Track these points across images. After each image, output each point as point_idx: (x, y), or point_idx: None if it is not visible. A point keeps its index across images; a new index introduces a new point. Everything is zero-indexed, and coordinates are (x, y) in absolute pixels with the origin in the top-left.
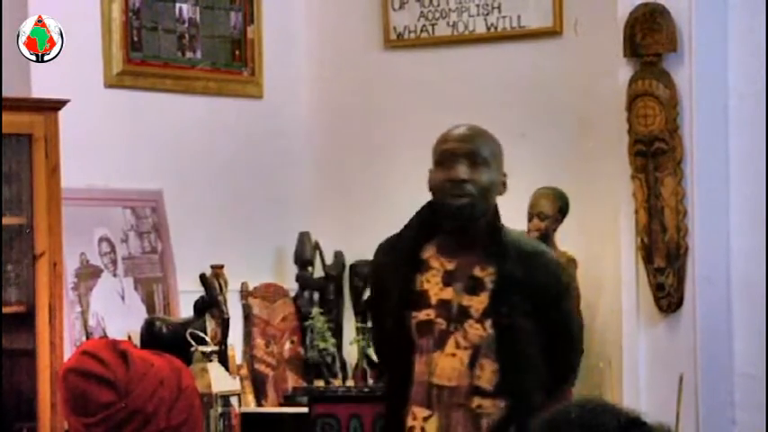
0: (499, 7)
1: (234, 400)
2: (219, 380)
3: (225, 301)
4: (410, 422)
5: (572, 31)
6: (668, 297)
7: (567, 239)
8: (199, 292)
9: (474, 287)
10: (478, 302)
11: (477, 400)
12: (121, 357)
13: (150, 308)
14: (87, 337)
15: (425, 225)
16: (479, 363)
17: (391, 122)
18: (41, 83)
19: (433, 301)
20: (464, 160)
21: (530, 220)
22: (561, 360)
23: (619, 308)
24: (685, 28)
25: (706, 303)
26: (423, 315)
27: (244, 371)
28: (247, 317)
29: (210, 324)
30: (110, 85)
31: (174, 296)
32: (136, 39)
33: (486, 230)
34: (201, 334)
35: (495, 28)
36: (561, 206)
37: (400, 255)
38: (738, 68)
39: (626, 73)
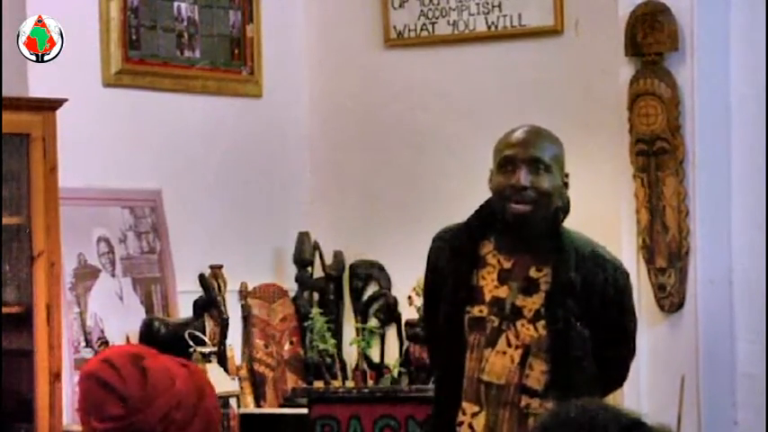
0: (500, 6)
1: (233, 402)
2: (218, 381)
3: (224, 301)
4: (460, 417)
5: (573, 29)
6: (670, 297)
7: None
8: (198, 292)
9: (529, 288)
10: (532, 303)
11: (525, 399)
12: (141, 373)
13: (149, 308)
14: (86, 338)
15: (485, 221)
16: (529, 362)
17: (391, 121)
18: (39, 82)
19: (487, 297)
20: (526, 166)
21: None
22: (616, 363)
23: None
24: (687, 27)
25: (708, 304)
26: (476, 311)
27: (243, 372)
28: (246, 317)
29: (209, 324)
30: (108, 84)
31: (173, 296)
32: (134, 38)
33: (545, 232)
34: (200, 334)
35: (496, 27)
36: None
37: (458, 249)
38: (740, 68)
39: (627, 72)
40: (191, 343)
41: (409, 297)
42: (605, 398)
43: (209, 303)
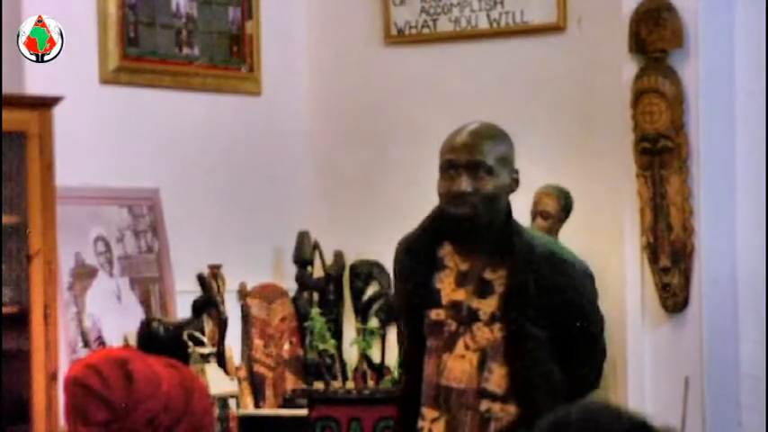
0: (502, 2)
1: (232, 403)
2: (217, 381)
3: (223, 301)
4: (420, 423)
5: (576, 26)
6: (674, 297)
7: (570, 239)
8: (196, 292)
9: (484, 290)
10: (487, 306)
11: (485, 404)
12: (126, 377)
13: (147, 308)
14: (83, 338)
15: (440, 223)
16: (488, 366)
17: (392, 120)
18: (35, 79)
19: (445, 301)
20: (466, 171)
21: (533, 219)
22: (584, 364)
23: (623, 308)
24: (691, 24)
25: (712, 304)
26: (434, 315)
27: (242, 372)
28: (246, 317)
29: (208, 325)
30: (106, 81)
31: (171, 296)
32: (132, 34)
33: (497, 232)
34: (199, 335)
35: (498, 23)
36: (565, 205)
37: (416, 251)
38: (745, 65)
39: (631, 69)
40: (189, 343)
41: None
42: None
43: (207, 303)
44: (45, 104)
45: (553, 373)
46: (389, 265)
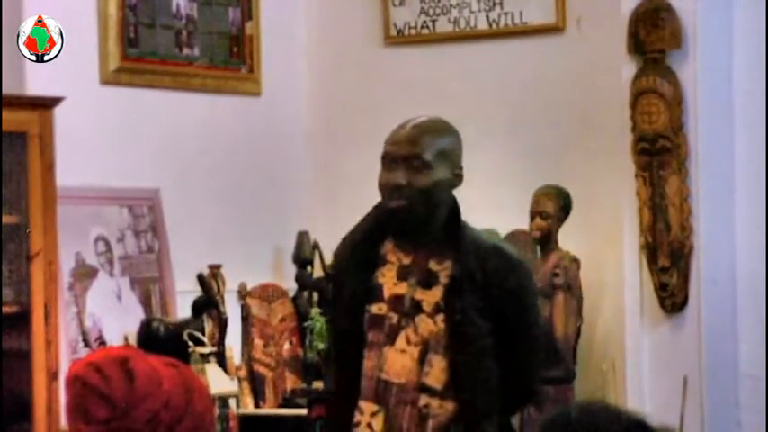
0: (501, 3)
1: (232, 402)
2: (217, 381)
3: (223, 301)
4: (357, 417)
5: (575, 27)
6: (672, 297)
7: (569, 239)
8: (196, 292)
9: (428, 281)
10: (431, 296)
11: (424, 399)
12: (127, 375)
13: (147, 308)
14: (83, 338)
15: (381, 218)
16: (429, 359)
17: (391, 120)
18: (36, 80)
19: (386, 295)
20: (402, 164)
21: (532, 219)
22: (521, 370)
23: (622, 308)
24: (690, 24)
25: (711, 304)
26: (375, 309)
27: (242, 372)
28: (246, 317)
29: (208, 324)
30: (106, 82)
31: (172, 296)
32: (132, 35)
33: (442, 225)
34: (199, 335)
35: (497, 24)
36: (564, 205)
37: (359, 248)
38: (743, 65)
39: (629, 70)
40: (189, 343)
41: None
42: (512, 413)
43: (207, 303)
44: (46, 105)
45: (492, 371)
46: None
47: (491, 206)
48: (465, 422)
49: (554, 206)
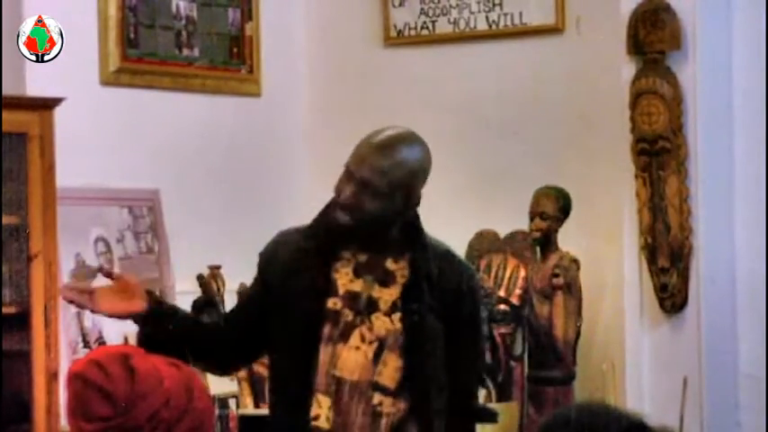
0: (501, 4)
1: (232, 402)
2: (217, 382)
3: (222, 301)
4: (315, 410)
5: (574, 28)
6: (672, 298)
7: (569, 239)
8: (196, 292)
9: (386, 279)
10: (388, 295)
11: (377, 397)
12: (128, 373)
13: None
14: (83, 339)
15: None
16: (383, 358)
17: (391, 121)
18: (36, 81)
19: (341, 291)
20: (357, 184)
21: (531, 219)
22: (467, 369)
23: (622, 308)
24: (689, 25)
25: (710, 304)
26: (330, 304)
27: (242, 373)
28: None
29: None
30: (106, 82)
31: (172, 297)
32: (132, 36)
33: (401, 227)
34: None
35: (497, 25)
36: (563, 206)
37: (313, 243)
38: (743, 66)
39: (629, 71)
40: None
41: None
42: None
43: (207, 304)
44: (46, 106)
45: (444, 373)
46: None
47: (490, 207)
48: (418, 422)
49: (554, 207)
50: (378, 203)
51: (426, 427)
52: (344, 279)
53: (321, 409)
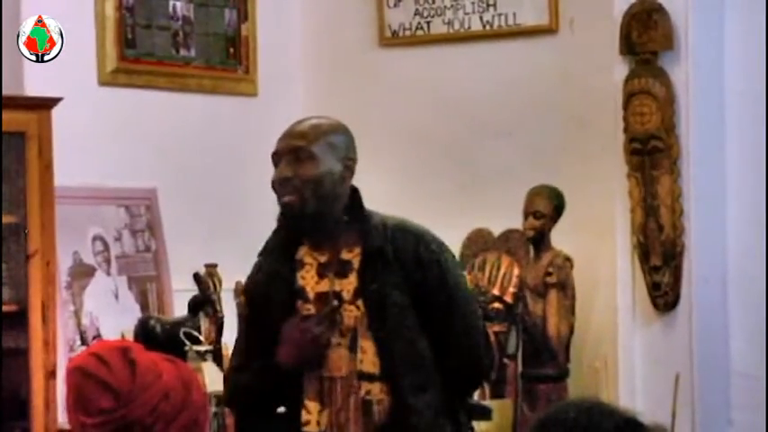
0: (495, 5)
1: None
2: (214, 379)
3: (219, 300)
4: (305, 416)
5: (568, 28)
6: (664, 296)
7: (562, 238)
8: (193, 290)
9: (343, 270)
10: (348, 284)
11: (365, 386)
12: (129, 365)
13: (144, 307)
14: (81, 337)
15: (286, 223)
16: (360, 345)
17: (387, 120)
18: (35, 80)
19: (311, 295)
20: (287, 158)
21: (525, 218)
22: (458, 345)
23: (614, 307)
24: (682, 25)
25: (702, 302)
26: (304, 310)
27: None
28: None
29: (205, 323)
30: (104, 82)
31: (168, 295)
32: (130, 36)
33: (345, 216)
34: (196, 333)
35: (491, 25)
36: (557, 205)
37: (274, 258)
38: (735, 66)
39: (622, 71)
40: (186, 342)
41: None
42: (465, 392)
43: (204, 302)
44: (44, 105)
45: (418, 346)
46: None
47: (484, 205)
48: (393, 399)
49: (547, 206)
50: (313, 167)
51: (400, 404)
52: (311, 283)
53: (311, 414)
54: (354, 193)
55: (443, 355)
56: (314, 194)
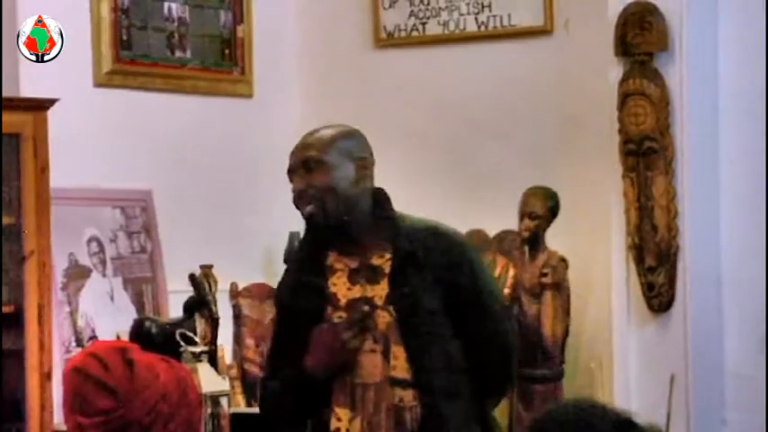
0: (490, 6)
1: (224, 401)
2: (209, 380)
3: (214, 300)
4: (335, 424)
5: (563, 29)
6: (659, 297)
7: (557, 239)
8: (188, 292)
9: (374, 276)
10: (380, 290)
11: (397, 393)
12: (127, 365)
13: (139, 308)
14: (77, 338)
15: (312, 233)
16: (393, 352)
17: (382, 122)
18: (30, 82)
19: (343, 302)
20: (299, 171)
21: (520, 219)
22: (488, 349)
23: (609, 307)
24: (676, 27)
25: (697, 303)
26: (336, 317)
27: (234, 371)
28: (237, 317)
29: (200, 324)
30: (99, 84)
31: (164, 296)
32: (125, 38)
33: (371, 220)
34: (191, 334)
35: (486, 27)
36: (552, 206)
37: (304, 265)
38: (729, 68)
39: (617, 72)
40: (181, 343)
41: None
42: (494, 396)
43: (199, 303)
44: (40, 107)
45: (450, 351)
46: None
47: (479, 207)
48: (422, 405)
49: (542, 207)
50: (326, 175)
51: (432, 410)
52: (343, 289)
53: (341, 421)
54: (378, 193)
55: (474, 358)
56: (332, 200)
